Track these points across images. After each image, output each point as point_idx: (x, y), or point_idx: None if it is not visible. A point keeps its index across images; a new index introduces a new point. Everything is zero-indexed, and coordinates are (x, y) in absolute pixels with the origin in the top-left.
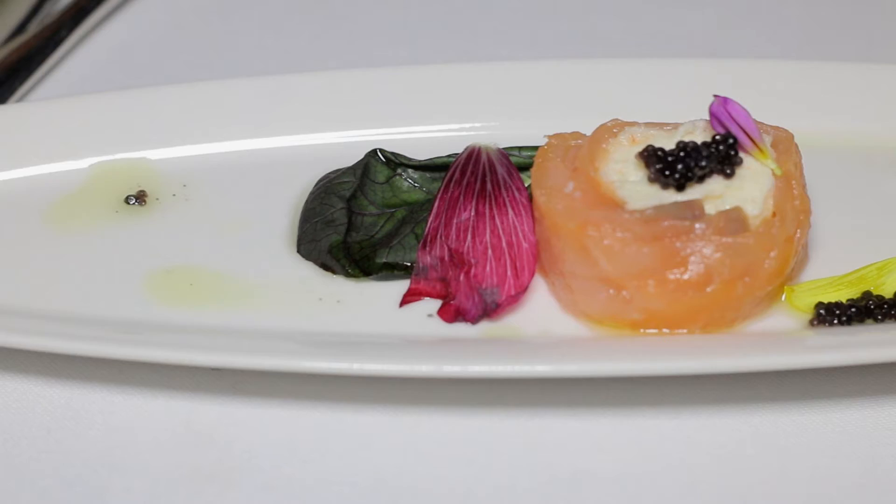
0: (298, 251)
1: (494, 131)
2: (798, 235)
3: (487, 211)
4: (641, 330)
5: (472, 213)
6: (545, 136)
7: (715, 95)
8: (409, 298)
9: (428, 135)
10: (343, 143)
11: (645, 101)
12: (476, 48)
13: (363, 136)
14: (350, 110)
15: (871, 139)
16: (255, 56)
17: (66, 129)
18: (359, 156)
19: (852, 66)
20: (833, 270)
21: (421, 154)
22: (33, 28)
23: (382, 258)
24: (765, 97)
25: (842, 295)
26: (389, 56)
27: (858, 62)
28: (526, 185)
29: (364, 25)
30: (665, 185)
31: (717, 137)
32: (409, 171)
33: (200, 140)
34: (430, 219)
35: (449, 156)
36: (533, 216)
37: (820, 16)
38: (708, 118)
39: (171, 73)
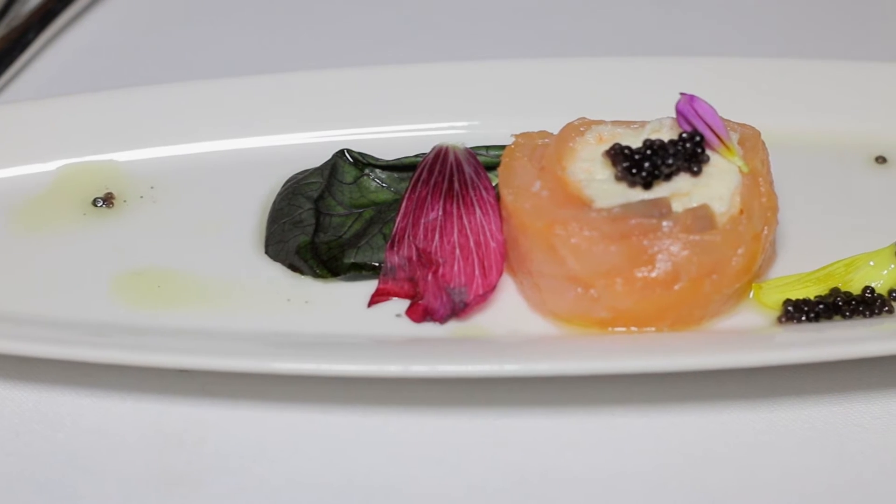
0: (266, 252)
1: (462, 131)
2: (765, 232)
3: (455, 210)
4: (610, 328)
5: (440, 213)
6: (512, 135)
7: (681, 93)
8: (377, 298)
9: (395, 135)
10: (310, 143)
11: (612, 99)
12: (443, 48)
13: (331, 136)
14: (317, 111)
15: (838, 136)
16: (221, 58)
17: (34, 132)
18: (326, 156)
19: (819, 63)
20: (801, 267)
21: (389, 154)
22: (0, 30)
23: (350, 258)
24: (732, 94)
25: (810, 292)
26: (356, 56)
27: (825, 59)
28: (493, 184)
29: (331, 26)
30: (632, 184)
31: (684, 135)
32: (377, 171)
33: (168, 142)
34: (398, 219)
35: (416, 156)
36: (500, 215)
37: (786, 13)
38: (675, 116)
39: (139, 75)
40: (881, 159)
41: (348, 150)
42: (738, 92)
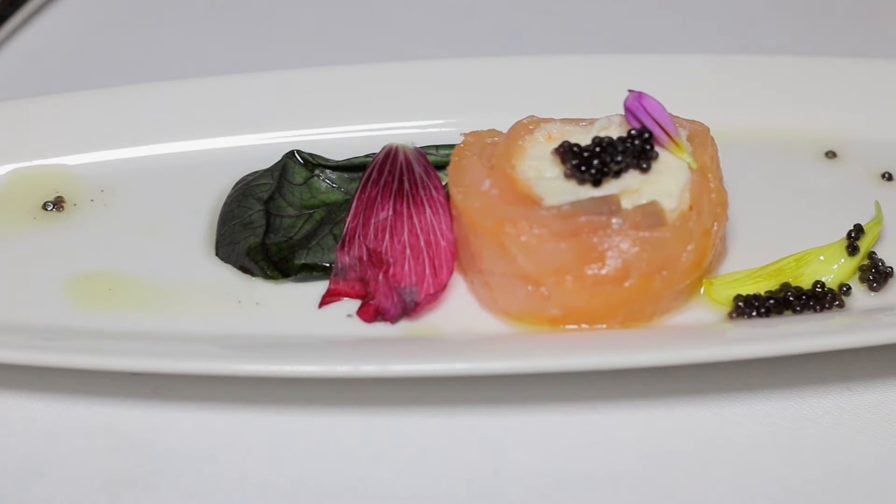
0: (217, 254)
1: (412, 130)
2: (715, 228)
3: (405, 210)
4: (561, 326)
5: (390, 213)
6: (461, 134)
7: (630, 90)
8: (328, 299)
9: (345, 135)
10: (260, 144)
11: (561, 97)
12: (391, 48)
13: (280, 137)
14: (267, 112)
15: (787, 131)
16: (170, 61)
17: None
18: (276, 157)
19: (767, 58)
20: (751, 263)
21: (339, 154)
22: None
23: (301, 259)
24: (680, 91)
25: (760, 287)
26: (305, 57)
27: (773, 55)
28: (443, 183)
29: (279, 28)
30: (581, 181)
31: (633, 132)
32: (327, 171)
33: (118, 145)
34: (348, 219)
35: (366, 156)
36: (451, 214)
37: (734, 8)
38: (623, 113)
39: (88, 78)
40: (831, 154)
41: (298, 151)
42: (687, 88)
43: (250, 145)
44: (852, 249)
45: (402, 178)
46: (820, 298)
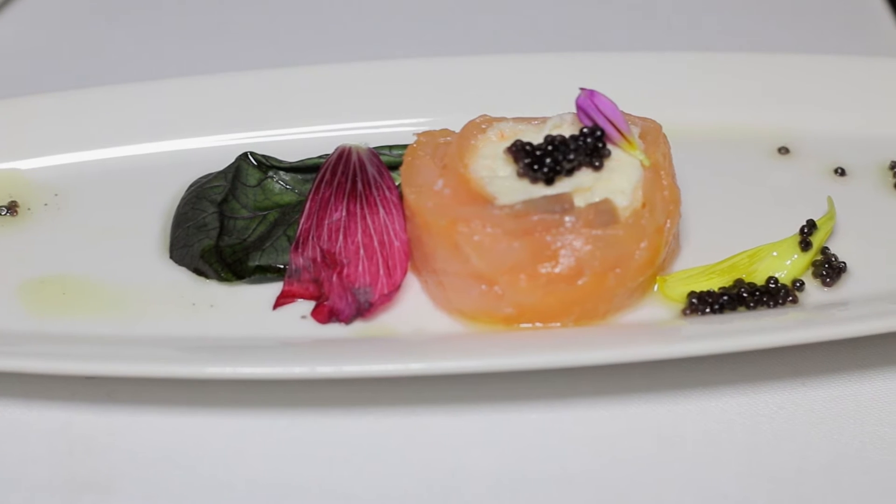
0: (171, 257)
1: (365, 131)
2: (668, 225)
3: (359, 211)
4: (515, 325)
5: (344, 214)
6: (414, 133)
7: (581, 88)
8: (282, 300)
9: (299, 136)
10: (214, 147)
11: (513, 96)
12: (345, 48)
13: (234, 139)
14: (220, 114)
15: (740, 128)
16: (122, 64)
17: None
18: (230, 160)
19: (719, 55)
20: (705, 259)
21: (292, 156)
22: None
23: (255, 261)
24: (632, 89)
25: (714, 284)
26: (257, 59)
27: (725, 52)
28: (396, 183)
29: (231, 30)
30: (534, 180)
31: (585, 130)
32: (281, 173)
33: (71, 149)
34: (302, 220)
35: (320, 157)
36: (404, 214)
37: (685, 6)
38: (575, 111)
39: (39, 82)
40: (784, 150)
41: (252, 153)
42: (639, 86)
43: (204, 147)
44: (805, 245)
45: (355, 178)
46: (773, 294)
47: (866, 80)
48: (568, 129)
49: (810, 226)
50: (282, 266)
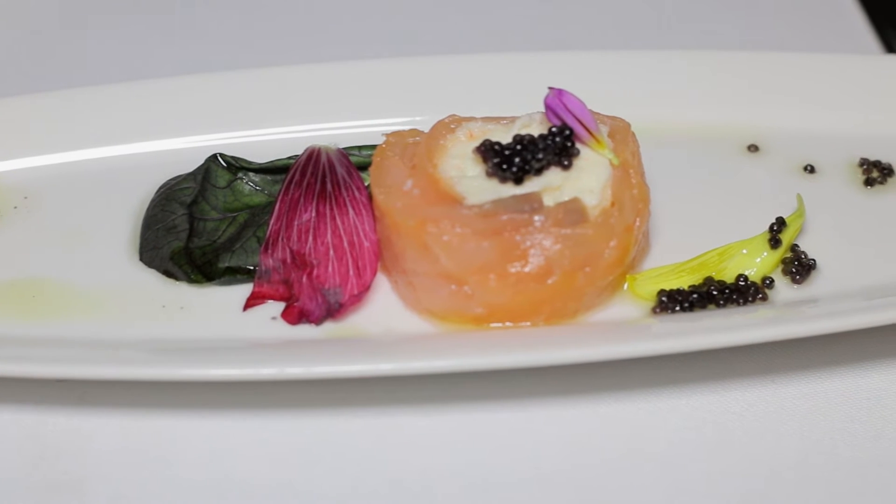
0: (141, 259)
1: (334, 131)
2: (637, 224)
3: (328, 211)
4: (485, 324)
5: (313, 214)
6: (383, 134)
7: (550, 87)
8: (252, 302)
9: (268, 137)
10: (183, 148)
11: (482, 95)
12: (313, 49)
13: (203, 141)
14: (189, 116)
15: (709, 126)
16: (90, 66)
17: None
18: (199, 161)
19: (688, 53)
20: (675, 258)
21: (262, 157)
22: None
23: (225, 263)
24: (602, 88)
25: (683, 282)
26: (226, 60)
27: (693, 49)
28: (366, 184)
29: (199, 31)
30: (503, 179)
31: (554, 129)
32: (251, 174)
33: (41, 151)
34: (272, 221)
35: (289, 158)
36: (373, 215)
37: (653, 4)
38: (544, 111)
39: (8, 85)
40: (753, 148)
41: (221, 155)
42: (608, 85)
43: (173, 149)
44: (775, 242)
45: (324, 179)
46: (743, 292)
47: (836, 77)
48: (537, 129)
49: (780, 223)
50: (252, 267)
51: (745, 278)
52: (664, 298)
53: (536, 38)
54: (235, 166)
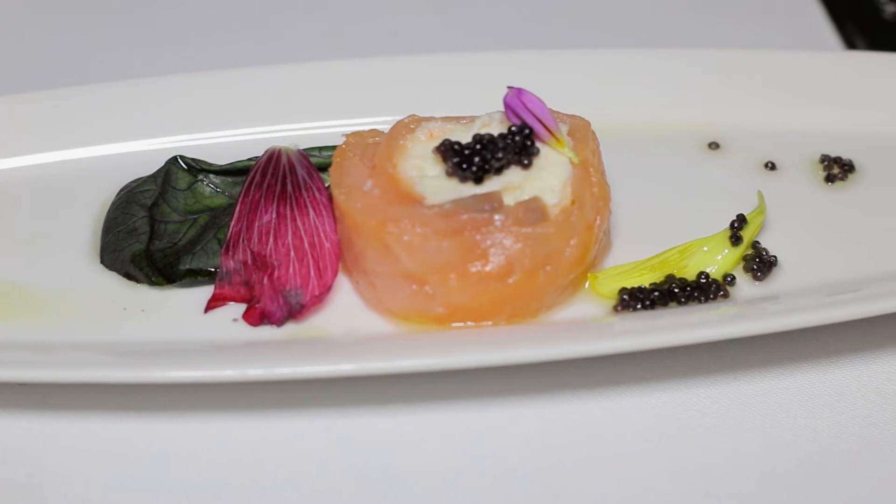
0: (102, 262)
1: (295, 132)
2: (598, 222)
3: (289, 212)
4: (447, 324)
5: (274, 216)
6: (343, 135)
7: (509, 87)
8: (213, 304)
9: (229, 139)
10: (143, 151)
11: (442, 95)
12: (273, 51)
13: (163, 143)
14: (149, 118)
15: (670, 124)
16: (49, 69)
17: None
18: (160, 164)
19: (648, 52)
20: (636, 256)
21: (222, 159)
22: None
23: (186, 265)
24: (561, 86)
25: (645, 279)
26: (186, 62)
27: (653, 48)
28: (326, 184)
29: (158, 33)
30: (463, 179)
31: (513, 129)
32: (211, 176)
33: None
34: (232, 223)
35: (249, 159)
36: (334, 216)
37: (612, 3)
38: (504, 110)
39: None
40: (714, 145)
41: (181, 157)
42: (568, 83)
43: (133, 152)
44: (735, 239)
45: (285, 180)
46: (704, 289)
47: (797, 74)
48: (496, 128)
49: (740, 220)
50: (213, 269)
51: (707, 276)
52: (625, 296)
53: (496, 37)
54: (196, 168)
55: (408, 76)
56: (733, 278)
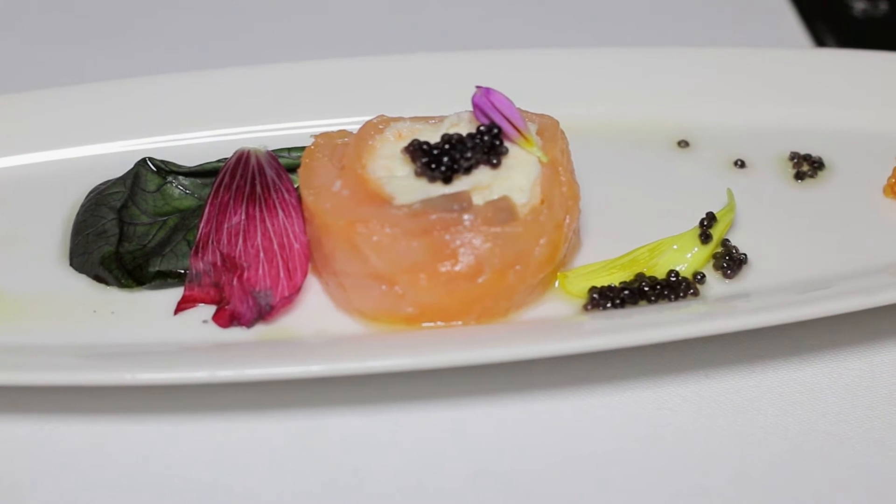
0: (71, 264)
1: (264, 134)
2: (567, 221)
3: (258, 214)
4: (417, 324)
5: (243, 217)
6: (312, 135)
7: (477, 86)
8: (183, 306)
9: (198, 141)
10: (113, 153)
11: (410, 95)
12: (241, 52)
13: (133, 145)
14: (118, 120)
15: (639, 122)
16: (14, 72)
17: None
18: (129, 166)
19: (616, 50)
20: (606, 254)
21: (192, 161)
22: None
23: (155, 267)
24: (530, 85)
25: (615, 278)
26: (153, 65)
27: (622, 47)
28: (296, 185)
29: (125, 36)
30: (432, 179)
31: (482, 128)
32: (180, 178)
33: None
34: (202, 224)
35: (219, 161)
36: (303, 216)
37: (579, 2)
38: (472, 109)
39: None
40: (683, 143)
41: (150, 159)
42: (537, 83)
43: (102, 154)
44: (705, 237)
45: (254, 181)
46: (674, 287)
47: (766, 71)
48: (465, 128)
49: (710, 218)
50: (182, 271)
51: (677, 274)
52: (595, 295)
53: (464, 37)
54: (165, 170)
55: (376, 77)
56: (703, 276)
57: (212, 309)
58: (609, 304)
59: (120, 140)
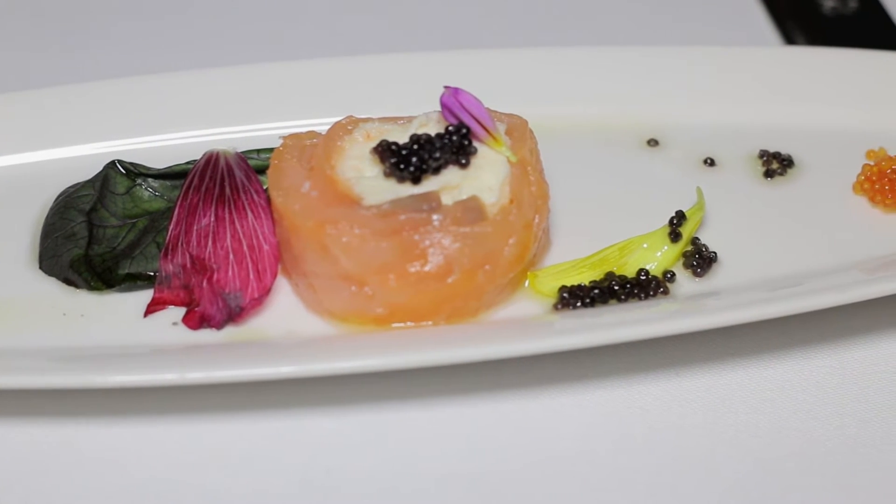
0: (41, 267)
1: (233, 135)
2: (537, 221)
3: (227, 215)
4: (387, 324)
5: (212, 219)
6: (280, 136)
7: (446, 86)
8: (153, 308)
9: (167, 143)
10: (81, 156)
11: (379, 96)
12: (209, 53)
13: (101, 148)
14: (87, 123)
15: (608, 121)
16: None
17: None
18: (98, 168)
19: (584, 50)
20: (576, 254)
21: (161, 163)
22: None
23: (125, 269)
24: (498, 85)
25: (585, 277)
26: (121, 67)
27: (590, 46)
28: (265, 187)
29: (93, 37)
30: (401, 179)
31: (450, 128)
32: (150, 180)
33: None
34: (171, 227)
35: (188, 163)
36: (272, 218)
37: (547, 1)
38: (441, 109)
39: None
40: (653, 142)
41: (119, 161)
42: (505, 82)
43: (71, 157)
44: (675, 236)
45: (223, 183)
46: (644, 286)
47: (735, 70)
48: (434, 128)
49: (679, 217)
50: (152, 273)
51: (646, 272)
52: (565, 295)
53: (432, 37)
54: (134, 172)
55: (345, 77)
56: (673, 275)
57: (182, 311)
58: (579, 304)
59: (89, 143)
